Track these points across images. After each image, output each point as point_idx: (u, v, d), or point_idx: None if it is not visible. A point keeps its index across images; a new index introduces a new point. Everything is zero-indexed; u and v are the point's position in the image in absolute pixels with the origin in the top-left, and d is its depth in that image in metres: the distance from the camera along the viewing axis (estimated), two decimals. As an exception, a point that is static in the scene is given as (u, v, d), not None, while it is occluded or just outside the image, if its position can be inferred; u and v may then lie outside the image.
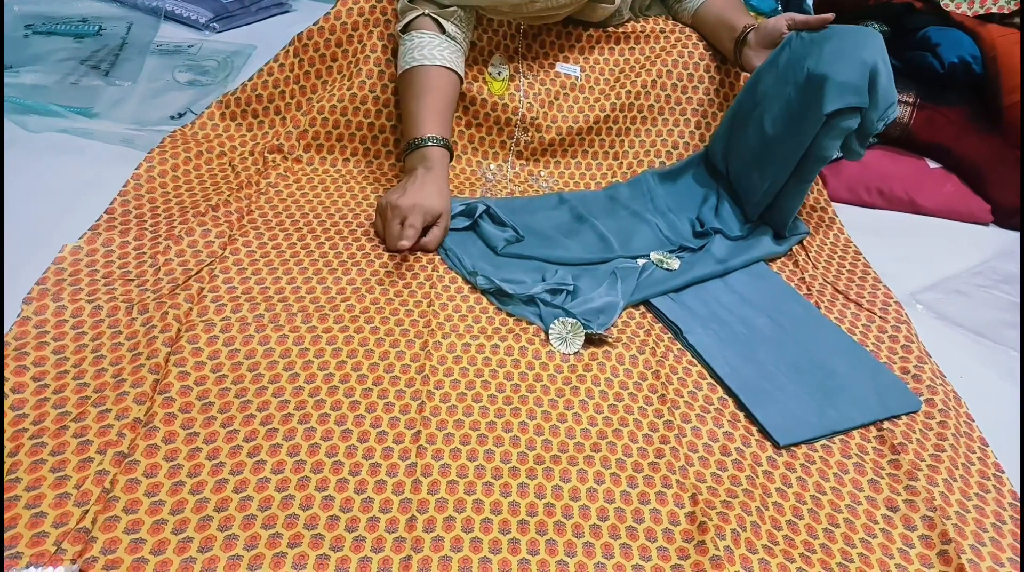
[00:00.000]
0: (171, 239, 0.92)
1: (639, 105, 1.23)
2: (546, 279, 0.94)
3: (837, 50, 0.98)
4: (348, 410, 0.74)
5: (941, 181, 1.31)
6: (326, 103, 1.13)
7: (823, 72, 0.96)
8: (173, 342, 0.78)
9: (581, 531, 0.66)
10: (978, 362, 0.96)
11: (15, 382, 0.71)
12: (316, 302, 0.87)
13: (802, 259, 1.09)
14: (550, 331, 0.87)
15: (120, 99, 1.23)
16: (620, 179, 1.19)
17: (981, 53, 1.28)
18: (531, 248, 1.00)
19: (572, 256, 1.00)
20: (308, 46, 1.16)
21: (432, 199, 0.97)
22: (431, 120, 1.03)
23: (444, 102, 1.05)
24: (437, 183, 0.99)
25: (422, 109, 1.03)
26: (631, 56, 1.25)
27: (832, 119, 0.96)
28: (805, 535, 0.70)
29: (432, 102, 1.03)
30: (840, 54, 0.97)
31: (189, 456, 0.67)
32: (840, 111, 0.95)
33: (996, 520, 0.73)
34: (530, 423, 0.76)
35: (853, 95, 0.94)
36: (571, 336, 0.86)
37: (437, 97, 1.04)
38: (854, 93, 0.94)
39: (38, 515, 0.60)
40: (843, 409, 0.83)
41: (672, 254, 1.03)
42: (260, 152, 1.13)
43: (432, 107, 1.03)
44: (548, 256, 1.00)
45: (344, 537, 0.63)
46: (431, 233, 0.97)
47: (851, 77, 0.94)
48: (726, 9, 1.22)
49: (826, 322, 0.95)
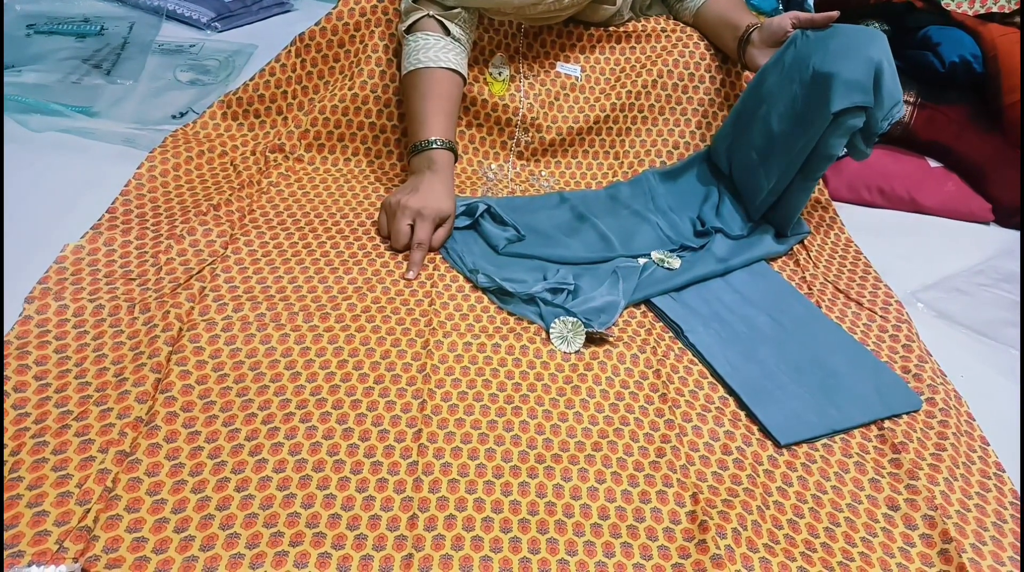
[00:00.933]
0: (172, 238, 0.92)
1: (640, 105, 1.23)
2: (547, 278, 0.94)
3: (843, 48, 0.98)
4: (349, 409, 0.74)
5: (942, 180, 1.30)
6: (328, 103, 1.13)
7: (829, 70, 0.96)
8: (175, 341, 0.78)
9: (582, 530, 0.67)
10: (979, 361, 0.96)
11: (17, 381, 0.71)
12: (317, 301, 0.87)
13: (803, 258, 1.09)
14: (551, 330, 0.87)
15: (121, 98, 1.23)
16: (621, 178, 1.19)
17: (982, 52, 1.28)
18: (532, 247, 1.00)
19: (573, 255, 1.00)
20: (310, 46, 1.16)
21: (442, 201, 0.98)
22: (436, 123, 1.03)
23: (449, 105, 1.05)
24: (445, 185, 1.00)
25: (428, 112, 1.03)
26: (632, 55, 1.25)
27: (839, 117, 0.96)
28: (806, 534, 0.70)
29: (437, 105, 1.03)
30: (846, 52, 0.97)
31: (191, 455, 0.67)
32: (846, 110, 0.95)
33: (997, 519, 0.73)
34: (531, 422, 0.76)
35: (859, 94, 0.94)
36: (572, 335, 0.86)
37: (442, 100, 1.04)
38: (860, 91, 0.94)
39: (40, 514, 0.60)
40: (844, 408, 0.83)
41: (673, 253, 1.03)
42: (262, 151, 1.13)
43: (437, 110, 1.03)
44: (549, 255, 1.00)
45: (346, 535, 0.63)
46: (437, 234, 0.98)
47: (857, 75, 0.94)
48: (728, 8, 1.22)
49: (827, 321, 0.95)
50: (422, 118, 1.03)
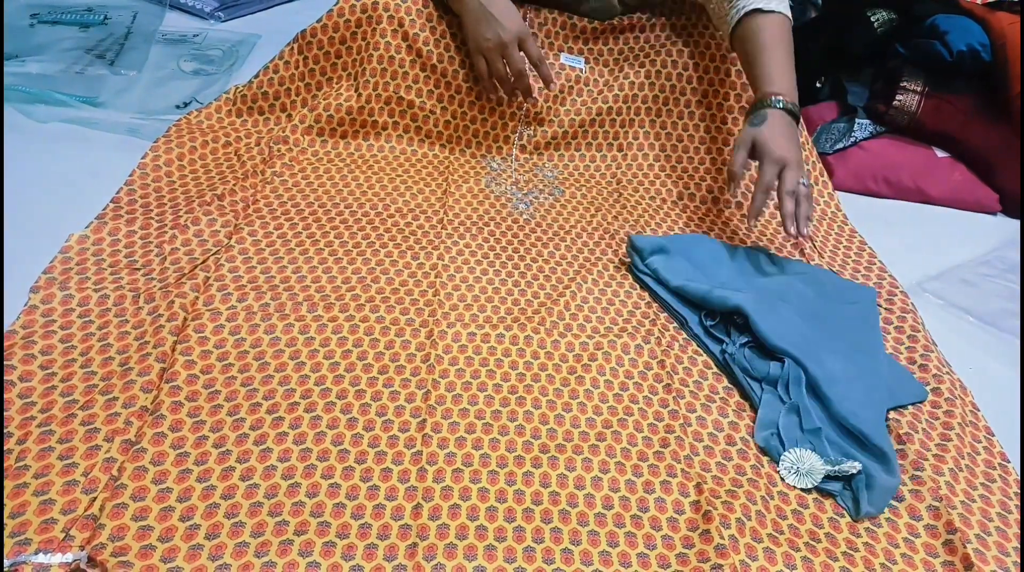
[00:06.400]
0: (177, 229, 0.92)
1: (643, 95, 1.22)
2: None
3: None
4: (354, 398, 0.74)
5: (949, 170, 1.30)
6: (332, 101, 1.14)
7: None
8: (180, 331, 0.78)
9: (586, 520, 0.67)
10: (985, 351, 0.96)
11: (23, 371, 0.71)
12: (322, 291, 0.87)
13: (808, 248, 1.08)
14: (782, 460, 0.76)
15: (125, 88, 1.23)
16: (625, 170, 1.19)
17: (990, 41, 1.27)
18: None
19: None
20: (312, 43, 1.16)
21: (517, 21, 1.05)
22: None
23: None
24: (503, 2, 1.06)
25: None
26: (635, 45, 1.24)
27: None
28: (810, 524, 0.70)
29: None
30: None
31: (196, 444, 0.68)
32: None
33: (1002, 509, 0.73)
34: (535, 412, 0.76)
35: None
36: (806, 470, 0.75)
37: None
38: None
39: (46, 502, 0.61)
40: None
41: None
42: (266, 142, 1.13)
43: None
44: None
45: (350, 524, 0.63)
46: (531, 52, 1.08)
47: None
48: (760, 52, 1.03)
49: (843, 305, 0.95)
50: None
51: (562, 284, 0.95)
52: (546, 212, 1.10)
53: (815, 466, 0.74)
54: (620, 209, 1.13)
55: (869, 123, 1.35)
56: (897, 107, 1.33)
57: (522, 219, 1.07)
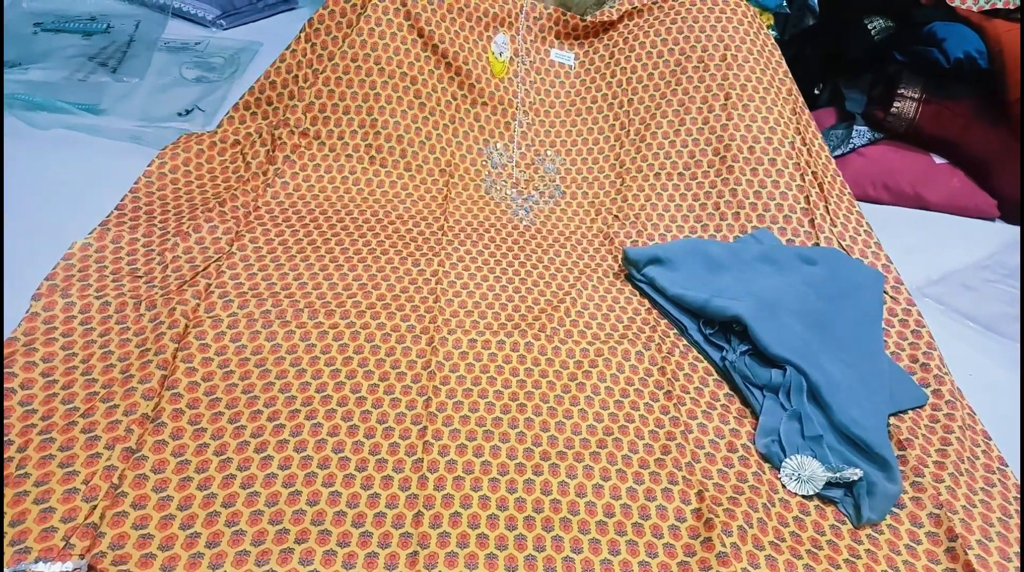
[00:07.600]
0: (179, 235, 0.92)
1: (639, 76, 1.23)
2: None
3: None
4: (354, 406, 0.74)
5: (947, 176, 1.30)
6: (331, 75, 1.12)
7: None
8: (181, 338, 0.78)
9: (587, 527, 0.67)
10: (984, 356, 0.96)
11: (24, 378, 0.71)
12: (323, 298, 0.87)
13: (819, 216, 1.08)
14: (783, 467, 0.76)
15: (127, 95, 1.24)
16: (629, 147, 1.19)
17: (987, 48, 1.28)
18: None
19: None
20: (320, 30, 1.16)
21: None
22: None
23: None
24: None
25: None
26: (626, 31, 1.26)
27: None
28: (812, 531, 0.70)
29: None
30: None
31: (197, 452, 0.68)
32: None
33: (1003, 515, 0.73)
34: (536, 419, 0.76)
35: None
36: (807, 477, 0.75)
37: None
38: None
39: (47, 510, 0.61)
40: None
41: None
42: (269, 131, 1.13)
43: None
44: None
45: (351, 533, 0.63)
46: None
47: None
48: None
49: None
50: None
51: (562, 290, 0.95)
52: (546, 218, 1.10)
53: (816, 473, 0.74)
54: (622, 202, 1.13)
55: (867, 129, 1.36)
56: (895, 113, 1.34)
57: (522, 226, 1.07)
